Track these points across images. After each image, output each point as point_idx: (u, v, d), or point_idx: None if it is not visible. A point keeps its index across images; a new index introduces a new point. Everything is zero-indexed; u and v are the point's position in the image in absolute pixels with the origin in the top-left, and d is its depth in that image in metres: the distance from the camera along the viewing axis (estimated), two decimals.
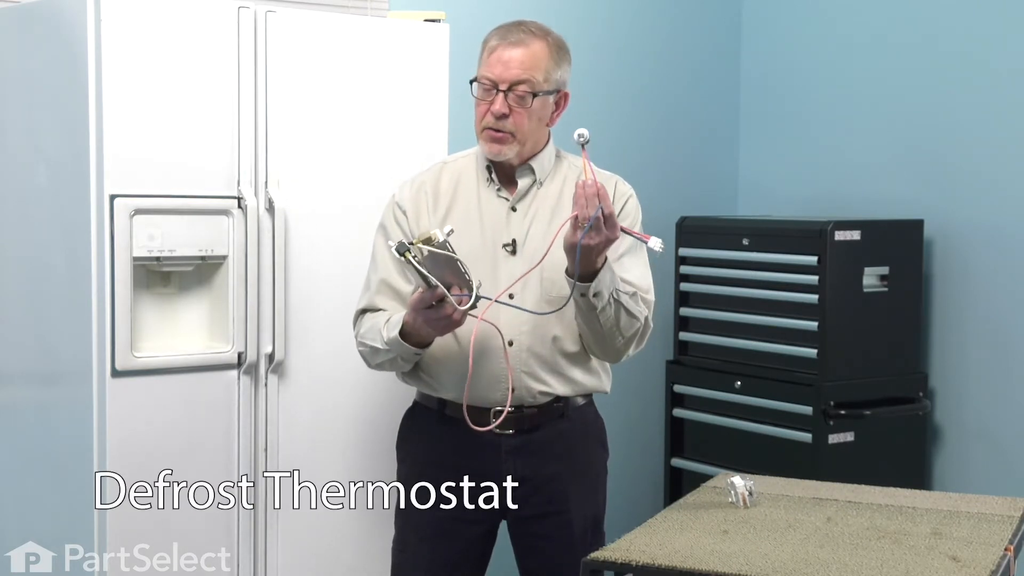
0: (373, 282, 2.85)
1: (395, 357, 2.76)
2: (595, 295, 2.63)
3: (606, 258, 2.63)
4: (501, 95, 2.74)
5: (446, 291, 2.54)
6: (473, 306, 2.57)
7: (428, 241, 2.51)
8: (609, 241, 2.57)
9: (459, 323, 2.61)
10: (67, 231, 3.01)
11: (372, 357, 2.81)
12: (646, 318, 2.81)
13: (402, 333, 2.69)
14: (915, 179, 4.41)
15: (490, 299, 2.62)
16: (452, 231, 2.55)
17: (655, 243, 2.58)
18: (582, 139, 2.56)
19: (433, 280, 2.53)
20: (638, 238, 2.65)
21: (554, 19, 3.03)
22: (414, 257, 2.50)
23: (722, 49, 4.94)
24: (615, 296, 2.68)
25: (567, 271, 2.64)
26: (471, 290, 2.56)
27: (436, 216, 2.81)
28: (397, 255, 2.51)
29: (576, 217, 2.54)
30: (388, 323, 2.74)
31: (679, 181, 4.80)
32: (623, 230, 2.61)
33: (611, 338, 2.74)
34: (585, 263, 2.59)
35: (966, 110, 4.26)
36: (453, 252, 2.53)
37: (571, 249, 2.58)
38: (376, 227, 2.91)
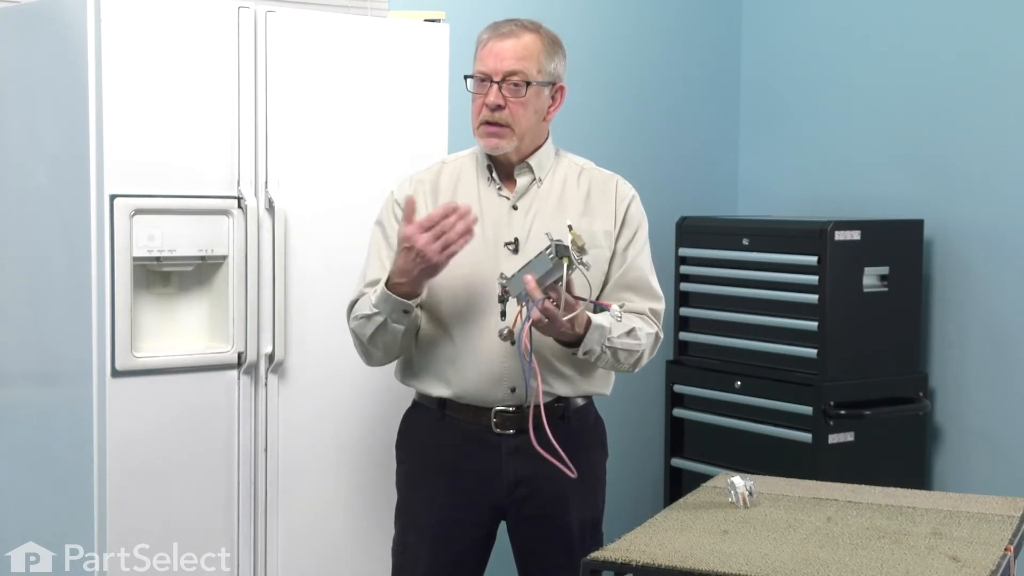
0: (370, 277, 2.82)
1: (385, 320, 2.68)
2: (586, 353, 2.68)
3: (588, 319, 2.65)
4: (495, 87, 2.74)
5: (537, 287, 2.50)
6: (503, 313, 2.62)
7: (580, 249, 2.48)
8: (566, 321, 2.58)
9: (436, 264, 2.59)
10: (67, 231, 3.01)
11: (363, 329, 2.72)
12: (656, 334, 2.84)
13: (388, 283, 2.66)
14: (915, 179, 4.41)
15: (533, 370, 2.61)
16: (590, 267, 2.56)
17: (615, 310, 2.63)
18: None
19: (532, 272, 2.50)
20: (595, 304, 2.67)
21: (554, 19, 3.03)
22: (558, 241, 2.47)
23: (722, 49, 4.94)
24: (608, 344, 2.70)
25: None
26: (519, 302, 2.56)
27: None
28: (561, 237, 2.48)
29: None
30: (376, 288, 2.71)
31: (679, 181, 4.80)
32: (576, 300, 2.61)
33: (615, 369, 2.82)
34: (565, 336, 2.64)
35: (966, 110, 4.26)
36: (564, 275, 2.48)
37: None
38: (373, 223, 2.89)
